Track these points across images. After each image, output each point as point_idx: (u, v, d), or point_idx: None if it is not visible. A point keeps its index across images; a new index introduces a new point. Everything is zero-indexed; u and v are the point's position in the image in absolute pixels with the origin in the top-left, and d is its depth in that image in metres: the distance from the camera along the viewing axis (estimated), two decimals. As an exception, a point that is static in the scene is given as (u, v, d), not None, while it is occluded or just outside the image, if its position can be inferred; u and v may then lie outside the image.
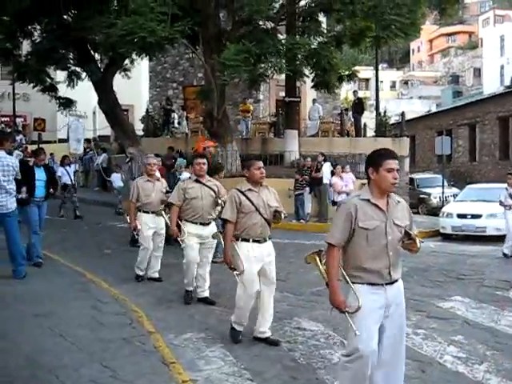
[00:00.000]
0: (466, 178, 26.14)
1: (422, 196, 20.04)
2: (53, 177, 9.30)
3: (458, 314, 6.28)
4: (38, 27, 18.08)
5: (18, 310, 6.02)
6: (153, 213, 7.57)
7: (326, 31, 16.74)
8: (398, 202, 3.67)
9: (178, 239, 6.52)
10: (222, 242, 6.10)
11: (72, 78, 18.73)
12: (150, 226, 7.62)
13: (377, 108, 22.28)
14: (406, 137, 18.80)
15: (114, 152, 20.14)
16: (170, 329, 5.53)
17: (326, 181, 14.24)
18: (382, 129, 20.01)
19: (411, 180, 19.92)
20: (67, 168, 14.97)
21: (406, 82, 62.72)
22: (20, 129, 27.95)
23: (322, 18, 16.81)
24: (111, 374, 4.34)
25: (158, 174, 8.40)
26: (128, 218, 7.85)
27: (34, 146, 22.94)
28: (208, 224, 6.51)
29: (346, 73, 16.43)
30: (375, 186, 3.56)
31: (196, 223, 6.43)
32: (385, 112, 22.17)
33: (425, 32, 51.88)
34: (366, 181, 3.78)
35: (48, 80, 18.78)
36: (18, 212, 7.68)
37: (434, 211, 17.43)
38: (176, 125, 21.33)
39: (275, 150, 17.23)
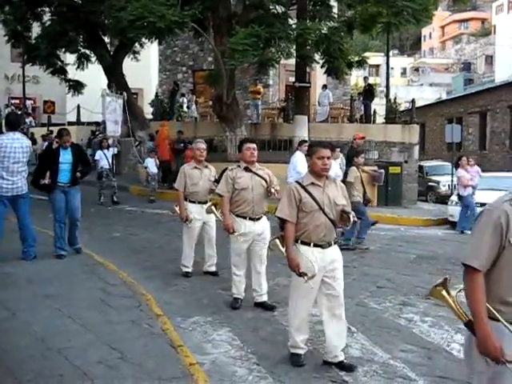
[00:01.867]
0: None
1: (430, 184, 19.97)
2: (83, 159, 8.15)
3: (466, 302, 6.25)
4: (48, 10, 18.06)
5: (28, 291, 6.08)
6: (199, 203, 6.97)
7: (336, 16, 16.59)
8: None
9: (235, 235, 5.73)
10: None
11: (82, 61, 18.75)
12: (197, 217, 6.97)
13: (387, 95, 22.13)
14: (415, 124, 18.68)
15: (122, 135, 20.13)
16: (177, 312, 5.56)
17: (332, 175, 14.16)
18: (392, 115, 19.87)
19: (420, 168, 19.83)
20: (105, 151, 14.35)
21: (416, 69, 62.15)
22: (30, 111, 28.00)
23: (333, 2, 16.65)
24: (119, 355, 4.38)
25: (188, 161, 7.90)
26: (177, 208, 7.09)
27: (44, 129, 23.11)
28: (259, 219, 5.81)
29: (356, 59, 16.32)
30: None
31: (245, 218, 5.75)
32: (395, 99, 22.02)
33: (437, 18, 51.20)
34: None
35: (58, 62, 18.80)
36: (48, 199, 7.64)
37: (443, 199, 17.35)
38: (185, 109, 21.28)
39: (284, 136, 17.17)
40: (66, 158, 7.62)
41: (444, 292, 2.86)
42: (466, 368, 2.82)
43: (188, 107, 21.25)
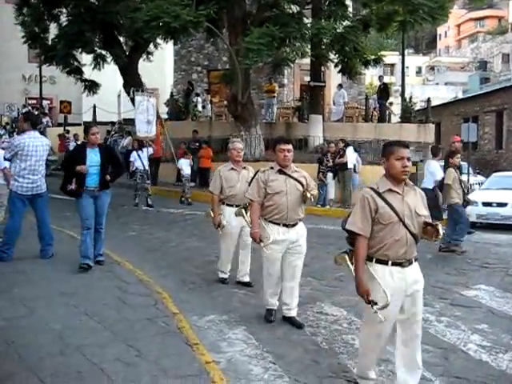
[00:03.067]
0: (491, 165, 25.73)
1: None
2: (113, 159, 7.41)
3: (482, 302, 6.23)
4: (65, 11, 18.23)
5: (46, 289, 6.14)
6: (237, 206, 6.35)
7: (352, 15, 16.55)
8: None
9: (262, 245, 5.26)
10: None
11: (98, 61, 18.89)
12: (235, 221, 6.48)
13: (402, 94, 22.02)
14: (431, 123, 18.58)
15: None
16: (193, 310, 5.59)
17: (350, 165, 14.17)
18: (407, 115, 19.78)
19: (436, 167, 19.69)
20: (140, 152, 13.82)
21: (432, 68, 61.73)
22: (46, 111, 28.27)
23: (348, 1, 16.62)
24: (136, 353, 4.42)
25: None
26: (211, 211, 6.64)
27: (60, 129, 23.32)
28: (294, 225, 5.27)
29: (372, 57, 16.27)
30: None
31: (279, 224, 5.23)
32: (410, 98, 21.89)
33: (453, 16, 50.76)
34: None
35: (74, 63, 18.96)
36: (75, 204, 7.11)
37: (459, 199, 17.23)
38: (200, 108, 21.35)
39: (299, 135, 17.17)
40: (93, 159, 6.97)
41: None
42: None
43: (203, 107, 21.33)
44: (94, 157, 6.96)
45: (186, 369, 4.16)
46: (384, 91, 20.01)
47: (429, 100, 20.08)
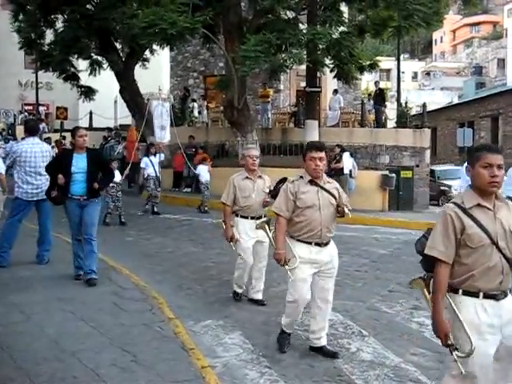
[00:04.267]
0: (487, 170, 25.83)
1: (442, 188, 19.88)
2: (103, 166, 6.89)
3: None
4: (61, 17, 18.26)
5: (42, 294, 6.13)
6: (252, 218, 5.99)
7: (347, 21, 16.64)
8: None
9: (286, 268, 4.56)
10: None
11: (94, 67, 18.91)
12: (250, 234, 5.99)
13: (398, 99, 22.11)
14: (427, 128, 18.65)
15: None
16: (189, 315, 5.59)
17: (346, 171, 14.22)
18: (403, 120, 19.86)
19: (432, 172, 19.77)
20: (152, 158, 13.27)
21: (427, 73, 61.93)
22: (43, 117, 28.28)
23: (343, 7, 16.71)
24: (132, 358, 4.42)
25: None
26: (223, 223, 6.14)
27: (57, 135, 23.32)
28: (327, 244, 4.61)
29: (368, 63, 16.35)
30: None
31: (311, 243, 4.54)
32: (406, 103, 21.98)
33: (448, 22, 51.07)
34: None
35: (71, 69, 18.98)
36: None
37: (455, 203, 17.29)
38: (196, 114, 21.40)
39: (295, 140, 17.22)
40: (79, 165, 6.46)
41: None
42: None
43: (199, 112, 21.38)
44: (80, 162, 6.46)
45: (181, 374, 4.16)
46: (380, 96, 20.08)
47: (424, 105, 20.16)
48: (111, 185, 11.14)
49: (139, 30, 13.05)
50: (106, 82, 21.55)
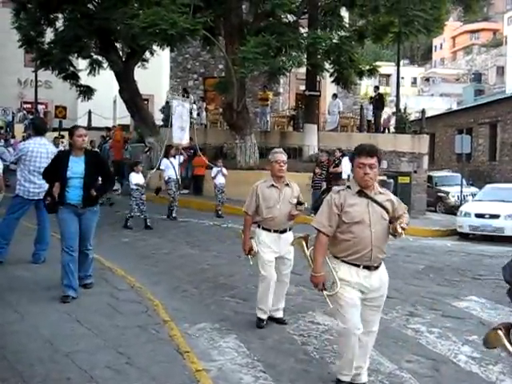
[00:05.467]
0: (485, 177, 25.89)
1: (440, 194, 19.93)
2: (103, 170, 6.25)
3: (474, 314, 6.24)
4: (62, 16, 18.25)
5: (37, 295, 6.11)
6: (276, 231, 5.36)
7: (348, 26, 16.69)
8: None
9: (325, 293, 3.93)
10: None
11: (94, 67, 18.90)
12: (273, 248, 5.36)
13: (397, 104, 22.14)
14: (425, 134, 18.68)
15: (133, 141, 20.22)
16: (184, 318, 5.58)
17: (344, 176, 14.22)
18: (402, 125, 19.89)
19: (429, 178, 19.80)
20: (172, 160, 12.93)
21: (427, 79, 62.06)
22: (41, 116, 28.25)
23: (344, 12, 16.74)
24: (126, 360, 4.40)
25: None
26: (243, 233, 5.52)
27: (55, 134, 23.28)
28: (377, 268, 3.91)
29: (367, 67, 16.38)
30: None
31: (358, 266, 3.86)
32: (405, 108, 22.01)
33: (448, 29, 51.13)
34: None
35: (70, 68, 18.96)
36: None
37: (452, 210, 17.34)
38: (195, 116, 21.38)
39: (294, 144, 17.23)
40: (76, 169, 5.86)
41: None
42: None
43: (198, 114, 21.36)
44: (76, 166, 5.87)
45: (176, 377, 4.14)
46: (379, 101, 20.11)
47: (423, 111, 20.20)
48: (135, 188, 11.25)
49: (139, 29, 13.04)
50: (105, 81, 21.55)
